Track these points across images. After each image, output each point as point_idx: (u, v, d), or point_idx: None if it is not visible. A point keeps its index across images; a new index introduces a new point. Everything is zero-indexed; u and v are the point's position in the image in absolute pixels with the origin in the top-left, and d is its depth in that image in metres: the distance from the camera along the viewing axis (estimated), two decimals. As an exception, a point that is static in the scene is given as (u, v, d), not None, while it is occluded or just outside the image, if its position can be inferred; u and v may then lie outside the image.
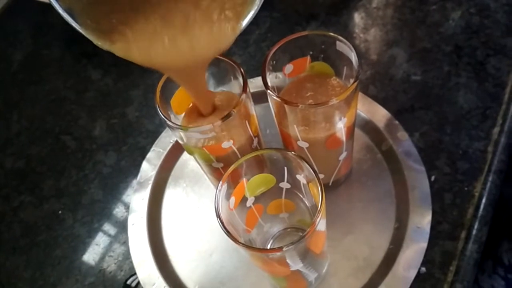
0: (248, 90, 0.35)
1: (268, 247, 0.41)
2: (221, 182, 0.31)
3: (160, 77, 0.36)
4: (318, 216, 0.28)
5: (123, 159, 0.53)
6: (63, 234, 0.49)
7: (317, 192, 0.29)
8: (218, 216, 0.29)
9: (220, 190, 0.30)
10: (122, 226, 0.48)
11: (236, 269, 0.43)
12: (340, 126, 0.35)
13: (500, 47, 0.52)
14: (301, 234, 0.28)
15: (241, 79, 0.35)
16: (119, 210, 0.50)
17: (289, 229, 0.42)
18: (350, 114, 0.36)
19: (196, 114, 0.38)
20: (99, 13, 0.27)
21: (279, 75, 0.37)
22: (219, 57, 0.36)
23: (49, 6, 0.26)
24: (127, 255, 0.46)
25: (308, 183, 0.32)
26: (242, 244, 0.28)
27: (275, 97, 0.33)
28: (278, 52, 0.35)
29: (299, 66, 0.37)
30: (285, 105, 0.33)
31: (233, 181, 0.32)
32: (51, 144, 0.57)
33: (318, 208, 0.28)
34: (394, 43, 0.55)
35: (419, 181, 0.43)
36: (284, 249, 0.27)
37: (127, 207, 0.49)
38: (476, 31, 0.54)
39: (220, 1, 0.29)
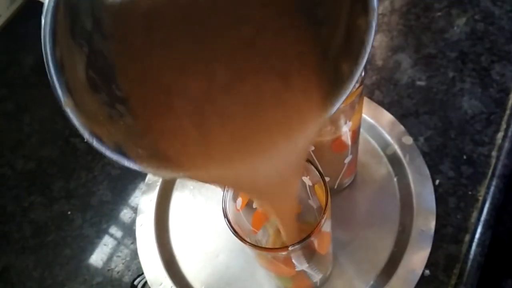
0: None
1: (274, 249, 0.41)
2: (228, 183, 0.31)
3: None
4: (324, 217, 0.28)
5: (131, 161, 0.54)
6: (72, 235, 0.50)
7: (322, 194, 0.30)
8: (225, 216, 0.30)
9: (227, 191, 0.31)
10: (130, 227, 0.49)
11: (242, 269, 0.44)
12: (346, 129, 0.36)
13: (505, 53, 0.52)
14: (306, 234, 0.28)
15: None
16: (127, 211, 0.50)
17: (294, 231, 0.42)
18: (355, 118, 0.36)
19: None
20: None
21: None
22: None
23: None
24: (134, 256, 0.47)
25: (313, 185, 0.33)
26: (249, 243, 0.28)
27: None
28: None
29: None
30: (292, 109, 0.34)
31: (240, 183, 0.33)
32: (61, 146, 0.58)
33: (324, 208, 0.28)
34: (400, 49, 0.56)
35: (424, 185, 0.44)
36: (290, 248, 0.28)
37: (135, 208, 0.50)
38: (481, 38, 0.54)
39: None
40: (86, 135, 0.20)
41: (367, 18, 0.22)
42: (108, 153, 0.20)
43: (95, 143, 0.20)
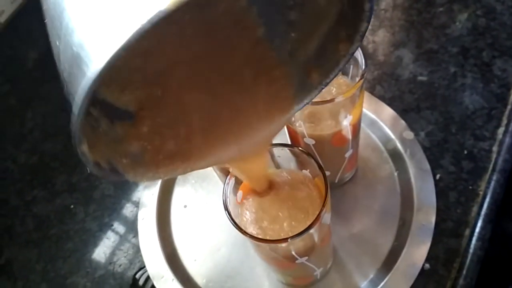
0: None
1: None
2: (229, 176, 0.32)
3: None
4: (323, 209, 0.28)
5: (133, 155, 0.54)
6: (75, 228, 0.50)
7: (322, 187, 0.30)
8: (226, 208, 0.30)
9: (228, 184, 0.31)
10: (132, 221, 0.49)
11: (243, 263, 0.44)
12: (346, 123, 0.36)
13: (506, 48, 0.52)
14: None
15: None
16: (129, 205, 0.51)
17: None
18: (356, 112, 0.36)
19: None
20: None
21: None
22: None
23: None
24: (136, 249, 0.47)
25: (314, 178, 0.33)
26: (249, 235, 0.29)
27: (282, 94, 0.34)
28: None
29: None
30: (292, 102, 0.34)
31: (241, 176, 0.33)
32: (64, 140, 0.58)
33: (323, 201, 0.29)
34: (401, 44, 0.56)
35: (424, 179, 0.44)
36: (289, 240, 0.28)
37: (137, 202, 0.50)
38: (482, 33, 0.54)
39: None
40: (91, 167, 0.21)
41: (350, 48, 0.24)
42: (107, 175, 0.22)
43: (97, 172, 0.21)
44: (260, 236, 0.31)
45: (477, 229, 0.42)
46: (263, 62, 0.26)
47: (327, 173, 0.31)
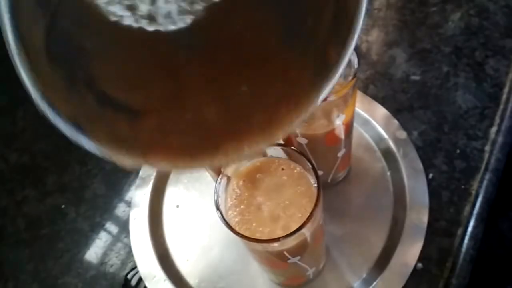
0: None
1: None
2: (221, 176, 0.31)
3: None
4: (315, 209, 0.28)
5: (125, 155, 0.54)
6: (66, 228, 0.50)
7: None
8: (217, 208, 0.30)
9: (219, 183, 0.31)
10: (124, 220, 0.49)
11: (236, 263, 0.44)
12: (339, 123, 0.36)
13: (499, 48, 0.52)
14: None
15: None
16: (121, 205, 0.50)
17: (288, 225, 0.42)
18: (349, 111, 0.36)
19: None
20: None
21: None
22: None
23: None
24: (128, 249, 0.47)
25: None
26: (241, 234, 0.28)
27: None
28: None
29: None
30: (285, 101, 0.34)
31: (233, 175, 0.33)
32: (55, 140, 0.57)
33: (315, 201, 0.29)
34: (394, 43, 0.56)
35: (417, 179, 0.44)
36: (281, 240, 0.28)
37: (129, 202, 0.50)
38: (475, 33, 0.54)
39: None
40: (38, 98, 0.18)
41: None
42: (58, 121, 0.19)
43: (46, 108, 0.18)
44: (251, 236, 0.31)
45: (470, 229, 0.42)
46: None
47: (320, 172, 0.31)
